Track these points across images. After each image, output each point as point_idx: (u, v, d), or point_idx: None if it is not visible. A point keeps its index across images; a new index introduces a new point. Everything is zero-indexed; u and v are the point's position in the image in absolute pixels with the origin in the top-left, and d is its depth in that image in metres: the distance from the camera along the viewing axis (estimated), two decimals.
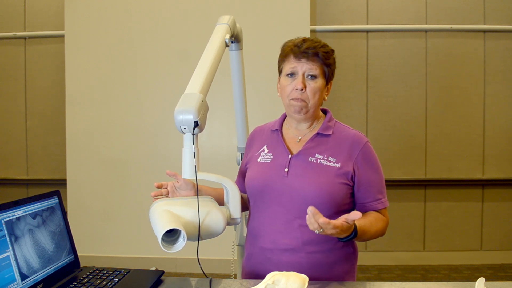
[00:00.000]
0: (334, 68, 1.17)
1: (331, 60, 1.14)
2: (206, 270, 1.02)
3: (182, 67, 3.07)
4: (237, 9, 3.06)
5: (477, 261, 3.37)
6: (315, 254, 1.11)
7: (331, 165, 1.12)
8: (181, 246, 0.97)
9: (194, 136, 1.00)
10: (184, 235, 0.96)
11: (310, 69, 1.12)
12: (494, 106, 3.37)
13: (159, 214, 1.02)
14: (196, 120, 0.96)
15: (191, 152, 1.00)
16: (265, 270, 1.12)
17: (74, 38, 3.18)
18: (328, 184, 1.10)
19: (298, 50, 1.12)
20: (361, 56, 3.38)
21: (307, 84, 1.12)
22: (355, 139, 1.16)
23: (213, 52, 1.15)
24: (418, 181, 3.39)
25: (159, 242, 0.95)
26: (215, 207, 1.07)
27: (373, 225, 1.11)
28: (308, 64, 1.12)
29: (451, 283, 1.05)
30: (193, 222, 1.03)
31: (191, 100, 0.99)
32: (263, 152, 1.23)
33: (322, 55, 1.11)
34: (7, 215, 0.93)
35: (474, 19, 3.33)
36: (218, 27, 1.26)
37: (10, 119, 3.57)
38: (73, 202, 3.19)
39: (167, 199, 1.10)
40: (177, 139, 3.09)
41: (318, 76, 1.12)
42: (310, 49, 1.11)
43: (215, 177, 1.05)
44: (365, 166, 1.14)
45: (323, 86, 1.14)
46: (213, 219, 1.05)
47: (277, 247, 1.13)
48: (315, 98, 1.13)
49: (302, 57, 1.12)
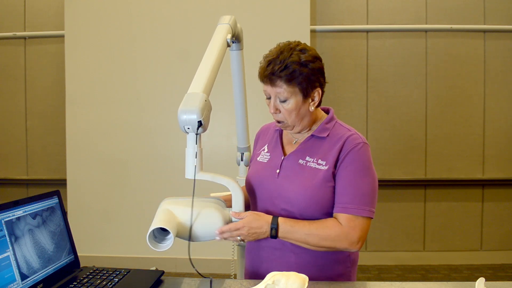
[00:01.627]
0: (316, 77, 1.09)
1: (301, 77, 1.05)
2: (206, 270, 1.02)
3: (182, 67, 3.07)
4: (237, 9, 3.06)
5: (477, 261, 3.37)
6: (303, 255, 1.11)
7: (320, 168, 1.10)
8: (167, 246, 0.99)
9: (197, 136, 1.00)
10: (171, 236, 0.97)
11: (278, 93, 1.08)
12: (494, 106, 3.37)
13: (159, 212, 1.04)
14: (200, 120, 0.96)
15: (194, 152, 1.01)
16: (264, 269, 1.13)
17: (74, 38, 3.18)
18: (313, 188, 1.08)
19: (263, 75, 1.08)
20: (361, 56, 3.38)
21: (280, 107, 1.09)
22: (348, 140, 1.10)
23: (215, 52, 1.15)
24: (418, 181, 3.38)
25: (147, 239, 0.97)
26: (216, 209, 1.06)
27: (310, 225, 1.06)
28: (275, 88, 1.07)
29: (451, 283, 1.05)
30: (189, 224, 1.03)
31: (194, 100, 0.98)
32: (263, 151, 1.24)
33: (286, 78, 1.05)
34: (7, 215, 0.93)
35: (474, 19, 3.33)
36: (219, 27, 1.26)
37: (10, 119, 3.57)
38: (73, 202, 3.19)
39: (175, 198, 1.10)
40: (177, 139, 3.10)
41: (288, 98, 1.07)
42: (271, 75, 1.06)
43: (219, 178, 1.05)
44: (346, 166, 1.08)
45: (299, 103, 1.08)
46: (211, 221, 1.05)
47: (270, 245, 1.14)
48: (292, 118, 1.10)
49: (266, 82, 1.08)
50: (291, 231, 1.06)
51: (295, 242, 1.08)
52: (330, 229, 1.05)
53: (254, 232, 1.06)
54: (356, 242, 1.06)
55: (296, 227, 1.06)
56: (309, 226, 1.06)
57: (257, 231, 1.06)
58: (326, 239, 1.05)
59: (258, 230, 1.06)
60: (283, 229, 1.06)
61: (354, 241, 1.05)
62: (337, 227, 1.05)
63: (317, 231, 1.05)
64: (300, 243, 1.07)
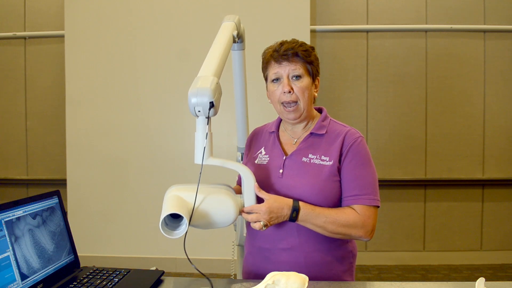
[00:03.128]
0: (317, 64, 1.17)
1: (312, 57, 1.14)
2: (206, 270, 1.02)
3: (182, 67, 3.08)
4: (237, 9, 3.06)
5: (477, 261, 3.37)
6: (312, 253, 1.12)
7: (324, 163, 1.12)
8: (181, 232, 0.94)
9: (208, 120, 0.96)
10: (185, 221, 0.92)
11: (293, 70, 1.12)
12: (494, 106, 3.37)
13: (168, 199, 1.00)
14: (212, 101, 0.93)
15: (203, 137, 0.97)
16: (264, 269, 1.13)
17: (74, 38, 3.18)
18: (320, 183, 1.10)
19: (278, 54, 1.12)
20: (361, 56, 3.38)
21: (294, 85, 1.12)
22: (347, 135, 1.15)
23: (223, 42, 1.14)
24: (418, 181, 3.38)
25: (160, 226, 0.92)
26: (227, 195, 1.02)
27: (329, 211, 1.08)
28: (290, 65, 1.12)
29: (451, 283, 1.05)
30: (201, 209, 0.99)
31: (206, 81, 0.95)
32: (261, 154, 1.24)
33: (302, 54, 1.11)
34: (7, 215, 0.93)
35: (474, 19, 3.33)
36: (225, 23, 1.26)
37: (10, 119, 3.57)
38: (73, 202, 3.19)
39: (182, 185, 1.05)
40: (177, 139, 3.10)
41: (302, 75, 1.12)
42: (288, 50, 1.11)
43: (230, 163, 1.02)
44: (350, 160, 1.12)
45: (310, 84, 1.14)
46: (222, 207, 1.01)
47: (275, 246, 1.14)
48: (305, 97, 1.13)
49: (282, 60, 1.12)
50: (312, 215, 1.06)
51: (311, 226, 1.07)
52: (349, 215, 1.08)
53: (275, 216, 1.04)
54: (371, 231, 1.11)
55: (316, 211, 1.06)
56: (329, 211, 1.07)
57: (278, 214, 1.04)
58: (344, 226, 1.07)
59: (278, 213, 1.04)
60: (304, 213, 1.05)
61: (369, 230, 1.10)
62: (355, 215, 1.09)
63: (337, 217, 1.07)
64: (317, 227, 1.07)
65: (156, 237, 3.09)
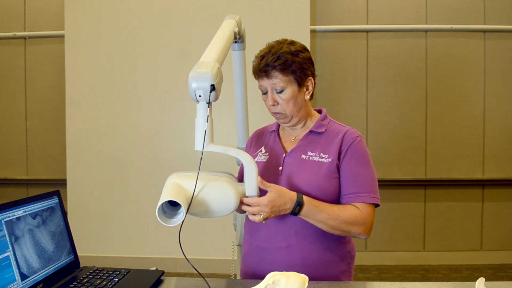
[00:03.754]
0: (308, 67, 1.14)
1: (294, 66, 1.10)
2: (206, 270, 1.01)
3: (182, 67, 3.06)
4: (237, 9, 3.06)
5: (477, 261, 3.37)
6: (310, 253, 1.12)
7: (323, 161, 1.13)
8: (179, 220, 0.91)
9: (209, 105, 0.94)
10: (183, 210, 0.90)
11: (274, 85, 1.12)
12: (494, 106, 3.37)
13: (167, 186, 0.98)
14: (213, 84, 0.91)
15: (204, 123, 0.94)
16: (261, 269, 1.13)
17: (74, 38, 3.18)
18: (319, 180, 1.11)
19: (258, 69, 1.13)
20: (361, 56, 3.38)
21: (277, 98, 1.13)
22: (346, 134, 1.16)
23: (225, 34, 1.14)
24: (418, 181, 3.38)
25: (156, 213, 0.90)
26: (228, 182, 0.99)
27: (332, 207, 1.07)
28: (270, 80, 1.12)
29: (451, 283, 1.05)
30: (200, 197, 0.97)
31: (207, 65, 0.94)
32: (261, 152, 1.25)
33: (280, 68, 1.09)
34: (7, 215, 0.93)
35: (474, 19, 3.33)
36: (226, 21, 1.25)
37: (10, 119, 3.57)
38: (73, 202, 3.19)
39: (183, 172, 1.02)
40: (177, 139, 3.10)
41: (285, 88, 1.12)
42: (265, 67, 1.10)
43: (232, 150, 0.99)
44: (350, 158, 1.13)
45: (295, 92, 1.13)
46: (222, 194, 0.98)
47: (272, 245, 1.14)
48: (290, 107, 1.14)
49: (263, 76, 1.13)
50: (315, 210, 1.05)
51: (312, 221, 1.07)
52: (351, 212, 1.08)
53: (277, 210, 1.02)
54: (370, 229, 1.11)
55: (320, 207, 1.06)
56: (332, 207, 1.08)
57: (280, 208, 1.02)
58: (346, 222, 1.07)
59: (281, 207, 1.02)
60: (307, 208, 1.05)
61: (368, 228, 1.10)
62: (358, 212, 1.09)
63: (340, 213, 1.07)
64: (318, 223, 1.07)
65: (156, 237, 3.10)
